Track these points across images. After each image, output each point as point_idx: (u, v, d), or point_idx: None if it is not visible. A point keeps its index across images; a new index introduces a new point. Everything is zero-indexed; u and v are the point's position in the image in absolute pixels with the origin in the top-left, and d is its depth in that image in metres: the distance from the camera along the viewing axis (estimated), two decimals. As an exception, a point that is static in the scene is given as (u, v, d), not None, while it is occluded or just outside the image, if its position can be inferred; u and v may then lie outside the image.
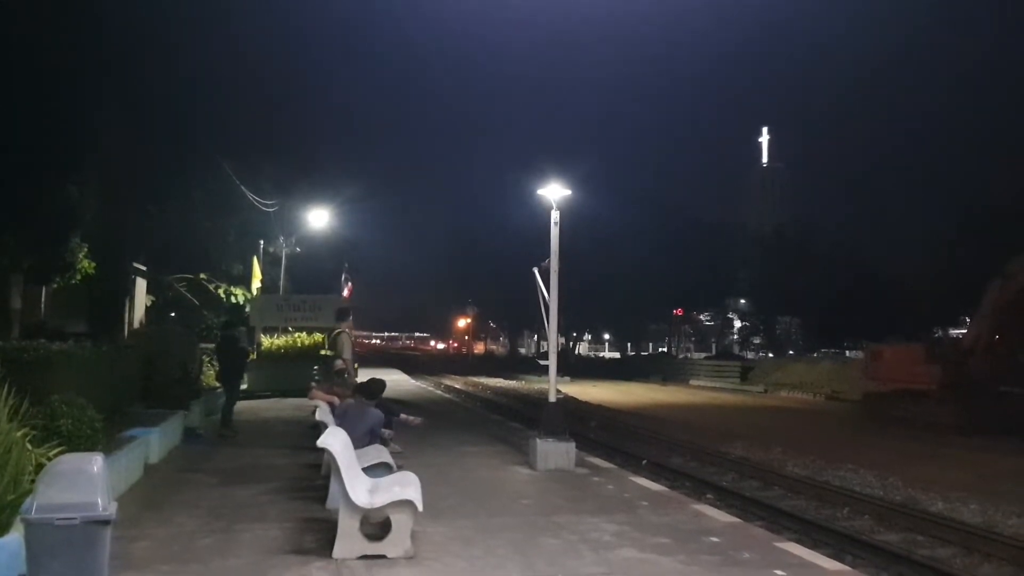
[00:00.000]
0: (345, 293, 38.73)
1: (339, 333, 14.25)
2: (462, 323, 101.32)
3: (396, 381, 30.97)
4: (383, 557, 6.66)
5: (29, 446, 6.70)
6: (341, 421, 9.79)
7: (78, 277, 18.82)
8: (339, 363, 13.90)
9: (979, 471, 16.83)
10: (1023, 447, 20.15)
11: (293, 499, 9.20)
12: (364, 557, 6.65)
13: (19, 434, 6.58)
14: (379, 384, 10.71)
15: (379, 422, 10.01)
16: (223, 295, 26.47)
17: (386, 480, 7.71)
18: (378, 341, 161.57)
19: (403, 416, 11.85)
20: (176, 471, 10.90)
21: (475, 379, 48.26)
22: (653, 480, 11.79)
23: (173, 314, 27.03)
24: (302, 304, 24.14)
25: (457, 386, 41.54)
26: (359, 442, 9.51)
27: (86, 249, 18.31)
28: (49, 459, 6.29)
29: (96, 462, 4.79)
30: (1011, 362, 24.75)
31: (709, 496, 13.34)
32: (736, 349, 77.01)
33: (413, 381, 38.20)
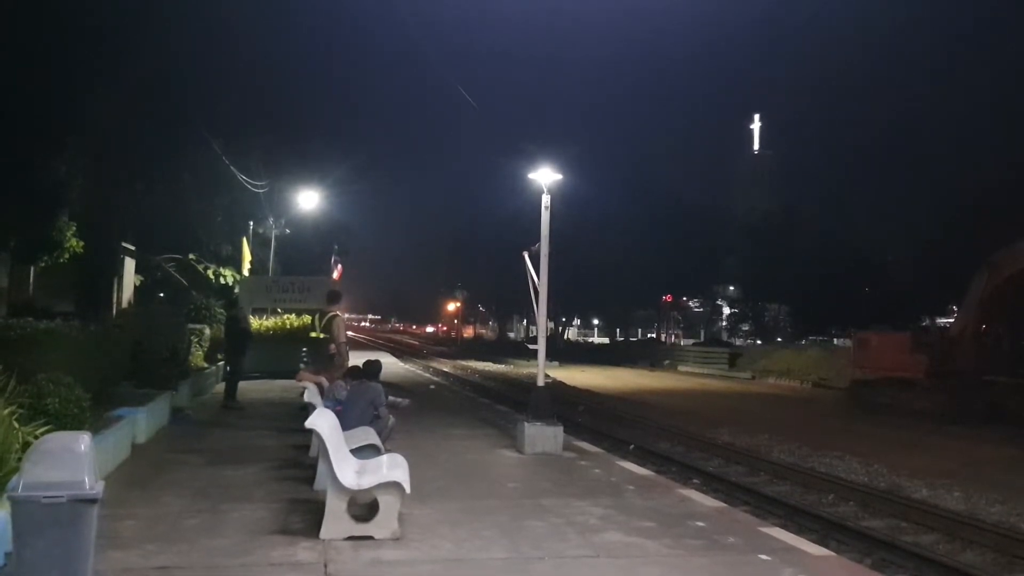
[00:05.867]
0: (335, 275, 38.61)
1: (333, 316, 14.21)
2: (451, 307, 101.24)
3: (385, 364, 30.96)
4: (370, 538, 6.68)
5: (16, 424, 6.68)
6: (346, 403, 9.94)
7: (66, 256, 18.69)
8: (332, 347, 13.88)
9: (964, 459, 16.97)
10: (1008, 436, 20.34)
11: (280, 480, 9.21)
12: (351, 538, 6.67)
13: (6, 412, 6.56)
14: (377, 365, 10.88)
15: (378, 395, 10.12)
16: (212, 276, 26.34)
17: (374, 462, 7.74)
18: (368, 324, 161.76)
19: (391, 398, 11.86)
20: (163, 451, 10.90)
21: (464, 363, 48.28)
22: (640, 465, 11.85)
23: (162, 294, 26.89)
24: (291, 286, 24.07)
25: (446, 369, 41.57)
26: (361, 416, 9.65)
27: (74, 228, 18.19)
28: (36, 437, 6.27)
29: (83, 441, 4.77)
30: (997, 351, 24.93)
31: (695, 481, 13.42)
32: (724, 336, 77.12)
33: (403, 364, 38.20)
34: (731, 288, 79.37)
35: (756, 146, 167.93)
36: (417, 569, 6.14)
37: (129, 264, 22.69)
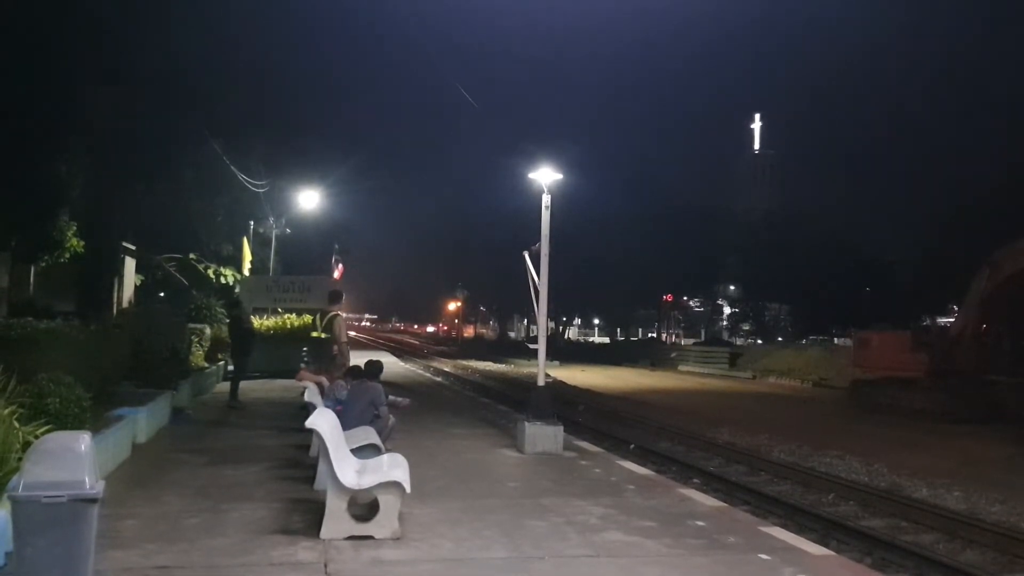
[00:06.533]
0: (336, 275, 38.58)
1: (335, 316, 14.18)
2: (452, 307, 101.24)
3: (386, 364, 30.93)
4: (370, 538, 6.68)
5: (16, 424, 6.67)
6: (347, 402, 9.93)
7: (67, 255, 18.72)
8: (335, 347, 13.86)
9: (964, 458, 16.98)
10: (1008, 435, 20.35)
11: (281, 480, 9.20)
12: (351, 537, 6.66)
13: (6, 412, 6.56)
14: (378, 364, 10.90)
15: (379, 394, 10.12)
16: (212, 276, 26.35)
17: (374, 462, 7.73)
18: (367, 323, 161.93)
19: (392, 398, 11.86)
20: (164, 451, 10.89)
21: (464, 362, 48.28)
22: (640, 464, 11.84)
23: (162, 294, 26.90)
24: (291, 285, 24.05)
25: (447, 369, 41.56)
26: (361, 415, 9.66)
27: (75, 227, 18.20)
28: (36, 437, 6.27)
29: (83, 440, 4.77)
30: (997, 351, 24.94)
31: (695, 480, 13.41)
32: (725, 335, 77.20)
33: (403, 364, 38.19)
34: (731, 288, 79.50)
35: (756, 146, 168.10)
36: (417, 568, 6.14)
37: (129, 264, 22.71)
